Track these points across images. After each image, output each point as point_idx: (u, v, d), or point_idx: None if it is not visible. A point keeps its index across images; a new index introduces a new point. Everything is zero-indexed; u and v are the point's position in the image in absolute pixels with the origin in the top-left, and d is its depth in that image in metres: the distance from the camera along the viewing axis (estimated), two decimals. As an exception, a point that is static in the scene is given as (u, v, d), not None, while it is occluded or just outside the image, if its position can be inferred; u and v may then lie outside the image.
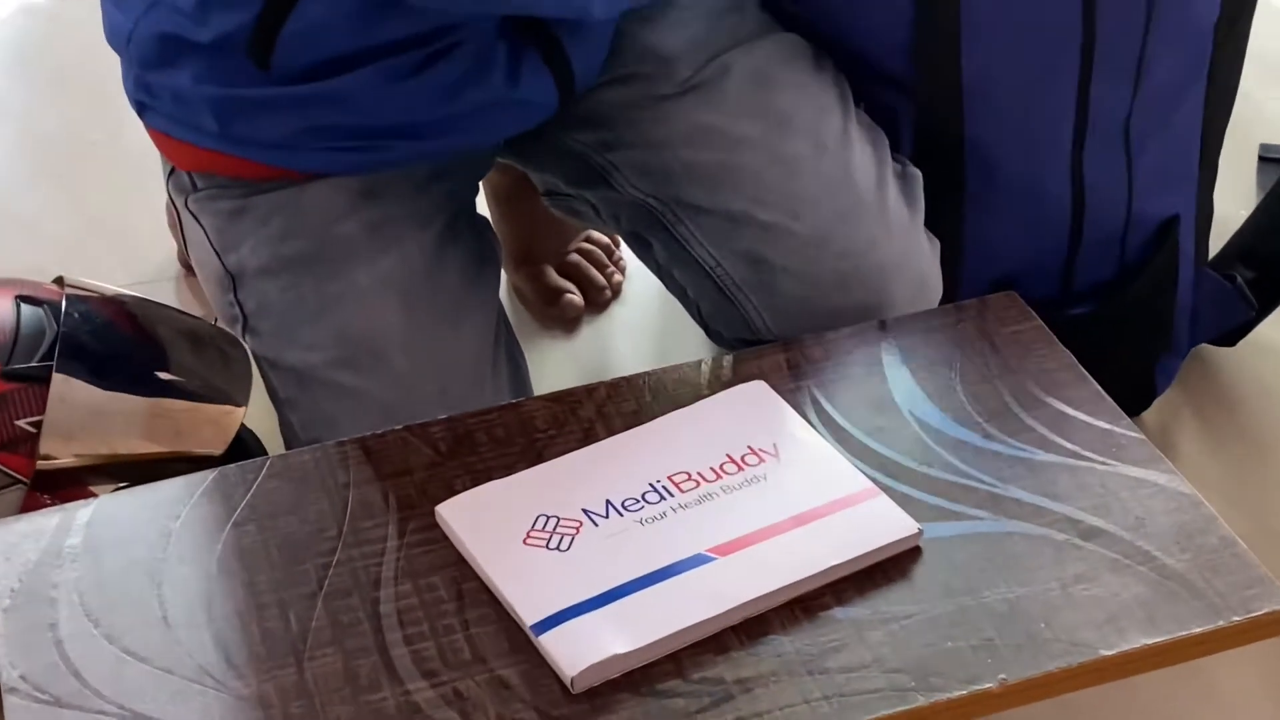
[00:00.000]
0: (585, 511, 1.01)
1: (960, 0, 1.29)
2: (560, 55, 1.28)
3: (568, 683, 0.91)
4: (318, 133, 1.26)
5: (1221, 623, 0.96)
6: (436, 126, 1.27)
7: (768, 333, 1.31)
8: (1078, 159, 1.40)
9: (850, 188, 1.29)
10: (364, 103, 1.24)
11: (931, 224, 1.37)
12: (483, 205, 1.52)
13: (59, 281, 1.30)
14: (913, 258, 1.32)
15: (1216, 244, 1.62)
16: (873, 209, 1.29)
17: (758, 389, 1.11)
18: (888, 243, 1.30)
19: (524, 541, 1.00)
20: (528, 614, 0.95)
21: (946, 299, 1.39)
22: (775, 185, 1.28)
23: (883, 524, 1.00)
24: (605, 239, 1.77)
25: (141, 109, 1.33)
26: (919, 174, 1.36)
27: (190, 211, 1.33)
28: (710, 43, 1.33)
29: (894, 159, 1.35)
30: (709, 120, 1.31)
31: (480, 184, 1.48)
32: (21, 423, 1.20)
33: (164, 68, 1.26)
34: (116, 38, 1.30)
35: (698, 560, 0.98)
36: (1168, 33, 1.35)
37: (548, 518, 1.01)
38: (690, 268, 1.34)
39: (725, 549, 0.99)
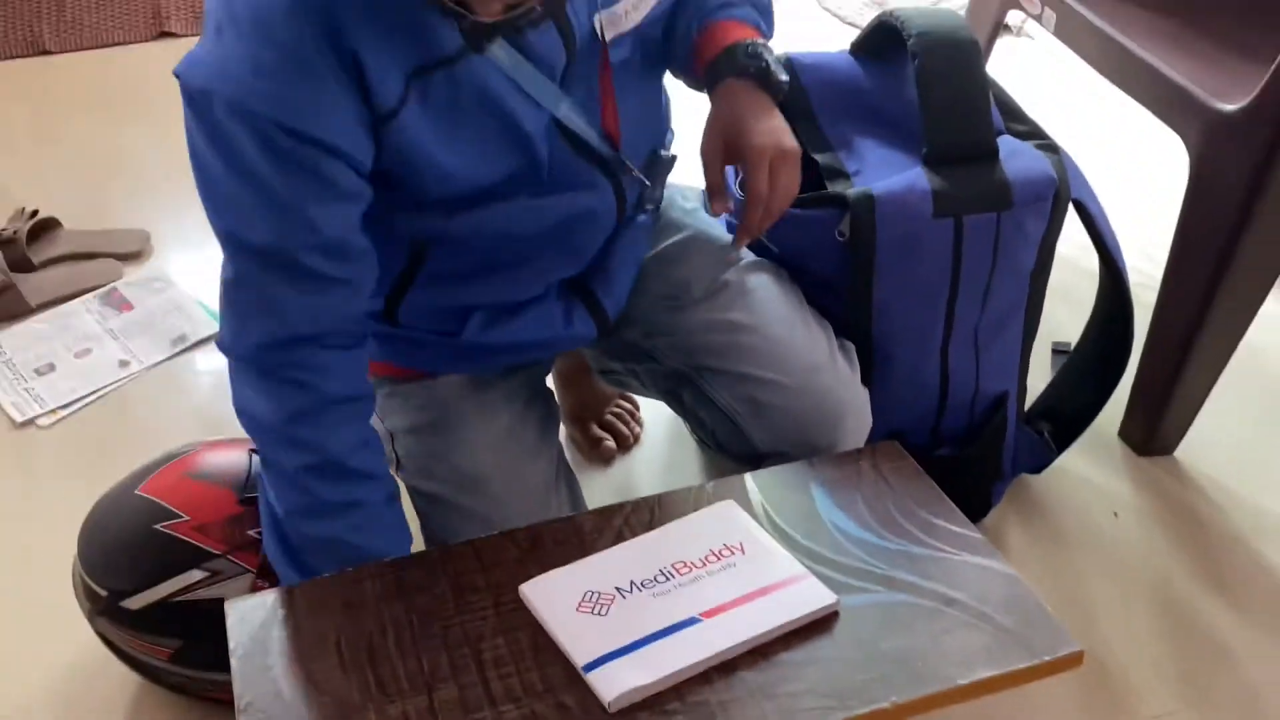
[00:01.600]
0: (617, 589, 1.01)
1: (876, 250, 1.30)
2: (597, 304, 1.30)
3: (606, 705, 0.91)
4: (435, 355, 1.28)
5: (1036, 661, 0.96)
6: (515, 352, 1.28)
7: (764, 447, 1.30)
8: (945, 354, 1.40)
9: (815, 353, 1.29)
10: (463, 343, 1.25)
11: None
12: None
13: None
14: (856, 399, 1.31)
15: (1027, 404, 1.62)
16: (829, 367, 1.29)
17: (729, 506, 1.10)
18: (841, 388, 1.30)
19: (576, 609, 0.99)
20: (579, 658, 0.95)
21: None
22: (766, 354, 1.28)
23: (812, 597, 0.99)
24: (629, 404, 1.77)
25: None
26: (853, 347, 1.35)
27: None
28: (713, 270, 1.33)
29: (839, 339, 1.34)
30: (718, 317, 1.31)
31: (549, 370, 1.48)
32: (251, 532, 1.20)
33: None
34: None
35: (691, 621, 0.97)
36: (1003, 276, 1.36)
37: (592, 593, 1.01)
38: (711, 409, 1.32)
39: (710, 614, 0.98)
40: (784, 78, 1.20)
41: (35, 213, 2.06)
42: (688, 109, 1.36)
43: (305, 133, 0.96)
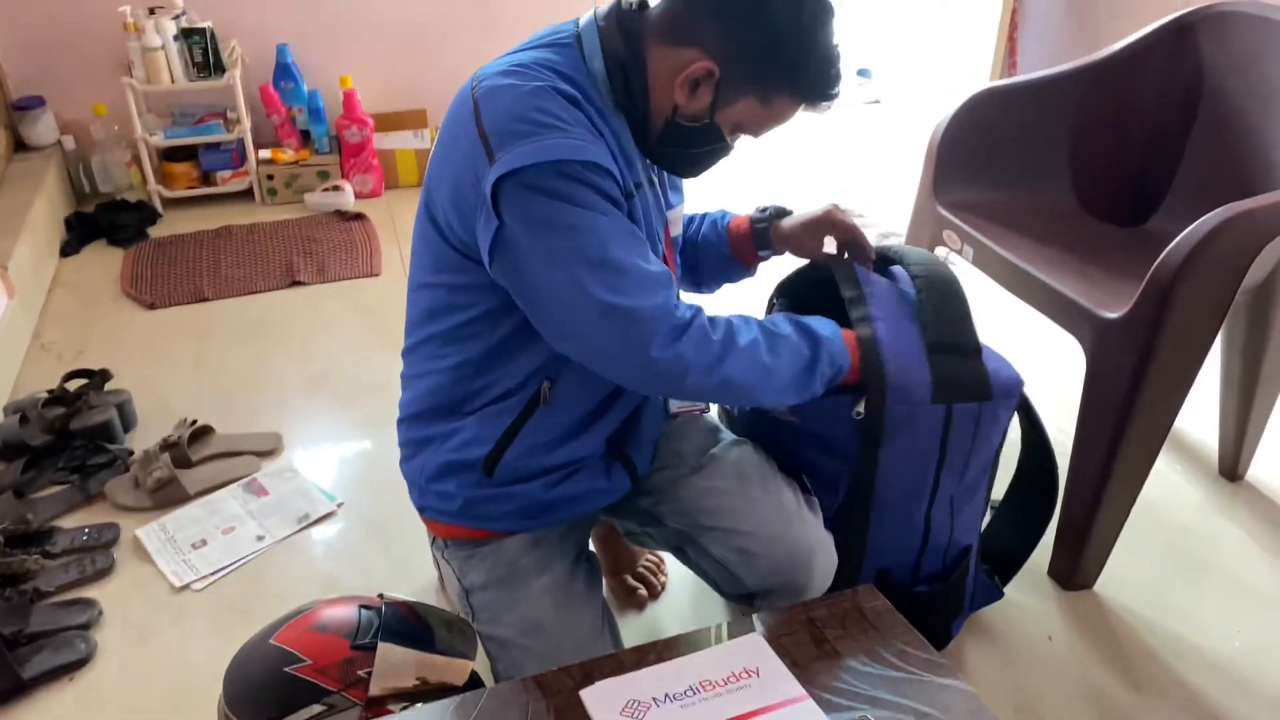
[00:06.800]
0: (653, 699, 0.99)
1: (884, 424, 1.27)
2: (629, 462, 1.31)
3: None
4: (510, 512, 1.27)
5: (998, 764, 0.92)
6: (571, 505, 1.28)
7: (754, 587, 1.29)
8: (929, 512, 1.38)
9: (785, 509, 1.28)
10: (535, 498, 1.25)
11: (849, 536, 1.35)
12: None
13: (381, 596, 1.29)
14: (822, 542, 1.30)
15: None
16: (798, 519, 1.28)
17: (755, 638, 1.08)
18: (809, 535, 1.28)
19: (620, 713, 0.97)
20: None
21: (852, 578, 1.37)
22: (747, 513, 1.27)
23: (809, 716, 0.97)
24: (656, 559, 1.75)
25: (422, 511, 1.34)
26: (817, 501, 1.34)
27: (445, 559, 1.34)
28: (705, 445, 1.35)
29: (803, 494, 1.33)
30: (708, 484, 1.31)
31: (590, 532, 1.47)
32: (361, 672, 1.18)
33: (437, 481, 1.29)
34: (411, 474, 1.33)
35: (714, 736, 0.95)
36: (977, 453, 1.35)
37: (634, 701, 0.99)
38: (708, 559, 1.31)
39: (729, 728, 0.96)
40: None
41: (194, 422, 2.09)
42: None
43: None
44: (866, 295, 1.33)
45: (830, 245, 1.43)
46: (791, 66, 1.12)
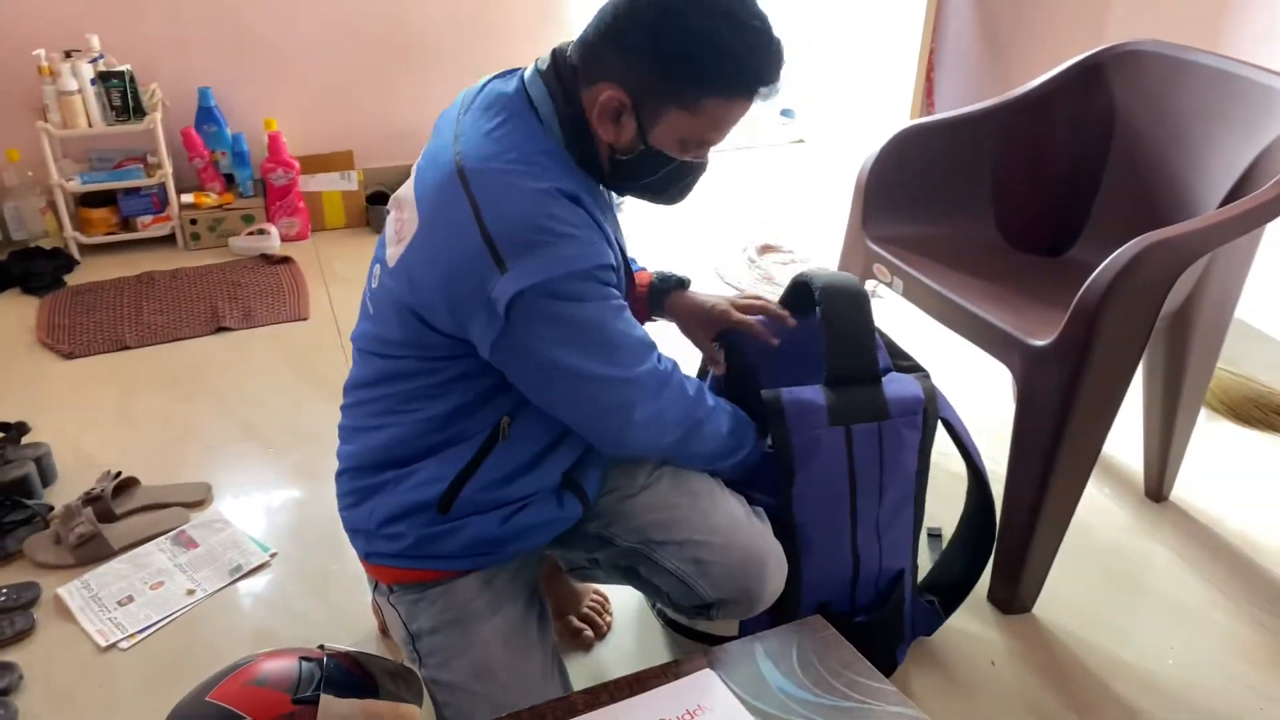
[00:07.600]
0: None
1: (792, 452, 1.32)
2: (581, 490, 1.30)
3: None
4: (463, 547, 1.25)
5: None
6: (525, 537, 1.27)
7: (710, 597, 1.30)
8: (854, 541, 1.40)
9: (734, 517, 1.30)
10: (490, 531, 1.24)
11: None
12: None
13: (321, 648, 1.26)
14: (774, 548, 1.31)
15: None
16: (746, 525, 1.30)
17: (707, 674, 1.07)
18: (760, 539, 1.30)
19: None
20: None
21: (792, 612, 1.38)
22: (699, 523, 1.28)
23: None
24: (601, 599, 1.73)
25: (368, 557, 1.31)
26: (764, 511, 1.36)
27: (390, 604, 1.31)
28: (651, 466, 1.35)
29: (751, 505, 1.35)
30: (659, 499, 1.31)
31: (539, 572, 1.45)
32: (302, 727, 1.15)
33: (388, 524, 1.26)
34: (357, 520, 1.30)
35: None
36: (892, 476, 1.38)
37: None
38: (662, 574, 1.31)
39: (685, 766, 0.95)
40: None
41: (119, 474, 2.02)
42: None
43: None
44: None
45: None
46: (701, 69, 1.10)
